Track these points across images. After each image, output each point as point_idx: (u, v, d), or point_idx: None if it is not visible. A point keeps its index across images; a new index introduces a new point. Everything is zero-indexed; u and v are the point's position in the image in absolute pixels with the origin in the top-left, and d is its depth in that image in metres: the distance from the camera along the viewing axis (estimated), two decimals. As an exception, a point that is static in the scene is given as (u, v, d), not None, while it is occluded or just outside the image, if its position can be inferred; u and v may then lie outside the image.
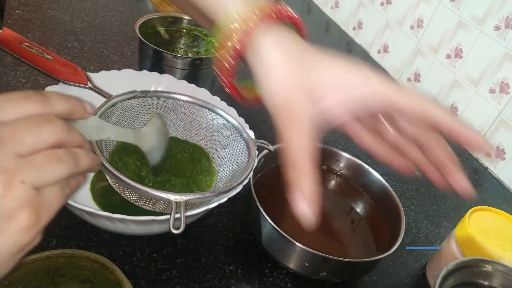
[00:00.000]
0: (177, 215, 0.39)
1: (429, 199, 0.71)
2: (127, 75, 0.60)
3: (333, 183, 0.62)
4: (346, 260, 0.47)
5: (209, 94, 0.60)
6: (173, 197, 0.40)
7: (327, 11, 1.29)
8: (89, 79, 0.54)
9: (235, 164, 0.53)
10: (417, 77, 0.99)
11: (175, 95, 0.54)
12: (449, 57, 0.91)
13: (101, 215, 0.42)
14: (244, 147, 0.52)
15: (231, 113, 0.55)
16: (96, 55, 0.79)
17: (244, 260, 0.52)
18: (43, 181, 0.27)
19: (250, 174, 0.48)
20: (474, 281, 0.45)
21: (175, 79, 0.61)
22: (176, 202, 0.40)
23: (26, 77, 0.68)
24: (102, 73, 0.57)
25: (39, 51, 0.55)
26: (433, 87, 0.95)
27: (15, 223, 0.26)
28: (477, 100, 0.85)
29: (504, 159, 0.81)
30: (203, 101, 0.54)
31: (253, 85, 0.39)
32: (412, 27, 1.01)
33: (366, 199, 0.60)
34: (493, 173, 0.82)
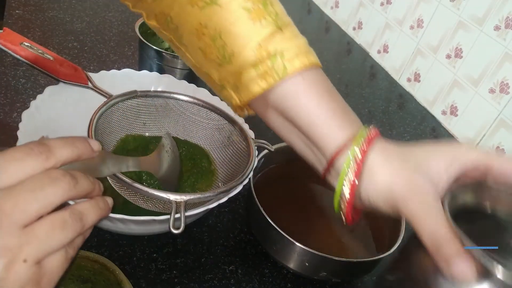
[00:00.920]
0: (177, 215, 0.39)
1: (429, 199, 0.71)
2: (127, 75, 0.60)
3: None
4: (346, 260, 0.47)
5: (209, 94, 0.60)
6: (173, 197, 0.40)
7: (327, 11, 1.29)
8: (90, 79, 0.54)
9: (235, 164, 0.53)
10: (417, 77, 0.99)
11: (175, 95, 0.54)
12: (449, 57, 0.91)
13: (101, 215, 0.42)
14: (244, 147, 0.52)
15: (231, 113, 0.55)
16: (96, 55, 0.79)
17: (244, 260, 0.52)
18: (45, 253, 0.26)
19: (250, 174, 0.48)
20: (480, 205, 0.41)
21: (175, 79, 0.61)
22: (176, 202, 0.40)
23: (26, 77, 0.68)
24: (102, 73, 0.57)
25: (39, 51, 0.55)
26: (433, 87, 0.95)
27: None
28: (477, 100, 0.85)
29: (504, 159, 0.80)
30: (203, 101, 0.55)
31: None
32: (412, 27, 1.01)
33: (366, 199, 0.60)
34: (493, 173, 0.82)
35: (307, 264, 0.48)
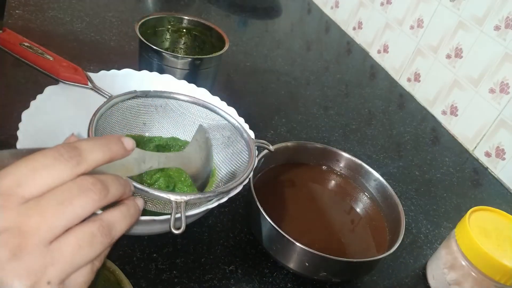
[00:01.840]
0: (178, 215, 0.39)
1: (429, 199, 0.71)
2: (127, 75, 0.60)
3: (333, 183, 0.62)
4: (346, 260, 0.47)
5: (209, 94, 0.60)
6: (173, 197, 0.40)
7: (327, 11, 1.29)
8: (89, 79, 0.54)
9: (235, 164, 0.53)
10: (417, 77, 0.99)
11: (175, 95, 0.54)
12: (449, 57, 0.91)
13: (101, 215, 0.42)
14: (244, 147, 0.52)
15: (231, 113, 0.55)
16: (96, 55, 0.79)
17: (244, 260, 0.52)
18: (71, 272, 0.25)
19: (250, 174, 0.48)
20: None
21: (175, 79, 0.61)
22: (176, 202, 0.40)
23: (26, 77, 0.68)
24: (102, 73, 0.57)
25: (39, 51, 0.55)
26: (433, 87, 0.95)
27: None
28: (477, 100, 0.85)
29: (504, 159, 0.81)
30: (203, 101, 0.55)
31: None
32: (412, 27, 1.01)
33: (366, 199, 0.60)
34: (493, 173, 0.82)
35: (307, 264, 0.48)
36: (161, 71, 0.62)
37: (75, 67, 0.55)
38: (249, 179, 0.50)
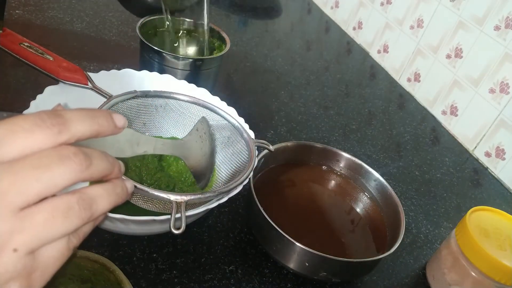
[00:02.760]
0: (178, 215, 0.39)
1: (429, 199, 0.71)
2: (127, 75, 0.60)
3: (333, 183, 0.62)
4: (346, 260, 0.47)
5: (209, 94, 0.60)
6: (173, 197, 0.40)
7: (327, 11, 1.29)
8: (89, 79, 0.54)
9: (235, 164, 0.53)
10: (417, 77, 0.99)
11: (175, 95, 0.54)
12: (449, 57, 0.91)
13: (101, 215, 0.42)
14: (244, 147, 0.52)
15: (231, 113, 0.55)
16: (96, 55, 0.79)
17: (244, 260, 0.52)
18: (41, 243, 0.23)
19: (250, 174, 0.48)
20: None
21: (175, 79, 0.61)
22: (176, 202, 0.40)
23: (26, 77, 0.68)
24: (102, 73, 0.57)
25: (39, 51, 0.55)
26: (433, 87, 0.95)
27: None
28: (477, 100, 0.85)
29: (504, 159, 0.81)
30: (203, 101, 0.55)
31: None
32: (412, 27, 1.01)
33: (366, 199, 0.60)
34: (493, 173, 0.82)
35: (307, 264, 0.48)
36: (162, 72, 0.62)
37: (75, 67, 0.55)
38: (249, 179, 0.50)
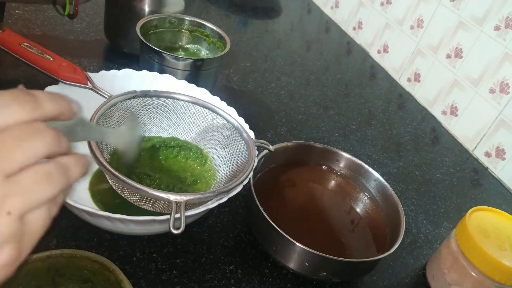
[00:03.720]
0: (177, 215, 0.39)
1: (429, 199, 0.71)
2: (127, 75, 0.60)
3: (333, 183, 0.62)
4: (346, 260, 0.47)
5: (209, 94, 0.60)
6: (173, 197, 0.40)
7: (327, 11, 1.29)
8: (89, 79, 0.54)
9: (235, 164, 0.53)
10: (417, 77, 0.99)
11: (175, 95, 0.54)
12: (449, 57, 0.91)
13: (101, 215, 0.42)
14: (244, 147, 0.52)
15: (231, 113, 0.55)
16: (96, 55, 0.79)
17: (244, 260, 0.52)
18: (30, 206, 0.25)
19: (250, 174, 0.48)
20: None
21: (175, 79, 0.61)
22: (176, 202, 0.40)
23: (26, 77, 0.68)
24: (102, 73, 0.57)
25: (39, 51, 0.55)
26: (433, 87, 0.95)
27: None
28: (477, 100, 0.85)
29: (504, 159, 0.81)
30: (203, 101, 0.55)
31: None
32: (412, 27, 1.01)
33: (366, 199, 0.60)
34: (493, 173, 0.82)
35: (307, 264, 0.48)
36: (162, 72, 0.62)
37: (75, 67, 0.55)
38: (249, 179, 0.50)
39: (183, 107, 0.55)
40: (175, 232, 0.38)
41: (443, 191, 0.74)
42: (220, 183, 0.53)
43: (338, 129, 0.81)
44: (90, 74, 0.55)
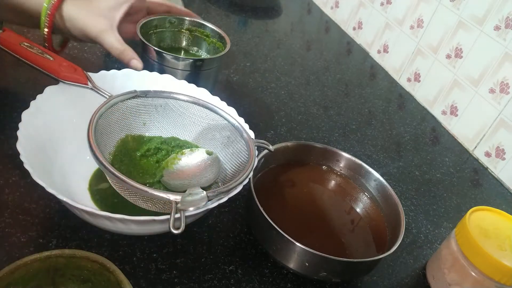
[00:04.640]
0: (177, 215, 0.39)
1: (429, 199, 0.71)
2: (127, 75, 0.60)
3: (333, 183, 0.62)
4: (346, 260, 0.47)
5: (209, 94, 0.60)
6: (173, 197, 0.40)
7: (327, 11, 1.29)
8: (89, 79, 0.54)
9: (235, 164, 0.53)
10: (417, 77, 0.99)
11: (175, 95, 0.54)
12: (449, 57, 0.91)
13: (101, 215, 0.42)
14: (244, 147, 0.52)
15: (231, 113, 0.55)
16: (96, 55, 0.79)
17: (244, 260, 0.52)
18: None
19: (250, 174, 0.48)
20: None
21: (175, 79, 0.61)
22: (176, 202, 0.40)
23: (26, 77, 0.68)
24: (102, 73, 0.57)
25: (39, 51, 0.55)
26: (433, 87, 0.95)
27: None
28: (477, 100, 0.85)
29: (504, 159, 0.81)
30: (203, 101, 0.55)
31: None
32: (412, 27, 1.01)
33: (366, 199, 0.60)
34: (493, 173, 0.82)
35: (307, 264, 0.48)
36: (162, 72, 0.62)
37: (75, 67, 0.55)
38: (249, 179, 0.50)
39: (183, 107, 0.55)
40: (175, 232, 0.38)
41: (443, 191, 0.74)
42: (220, 183, 0.53)
43: (338, 129, 0.81)
44: (90, 74, 0.55)
